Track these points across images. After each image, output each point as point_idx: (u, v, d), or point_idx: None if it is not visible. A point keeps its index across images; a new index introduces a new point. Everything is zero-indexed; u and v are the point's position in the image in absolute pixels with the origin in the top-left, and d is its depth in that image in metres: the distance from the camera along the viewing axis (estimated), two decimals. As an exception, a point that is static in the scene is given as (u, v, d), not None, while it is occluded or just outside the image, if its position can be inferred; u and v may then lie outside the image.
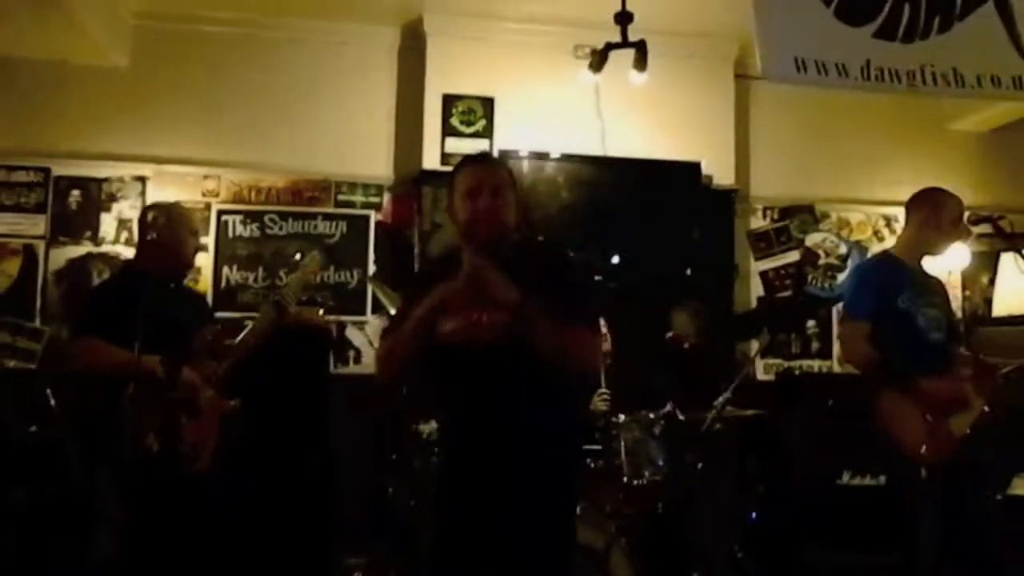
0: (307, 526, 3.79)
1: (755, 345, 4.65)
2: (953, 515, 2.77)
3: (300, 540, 3.79)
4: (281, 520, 3.77)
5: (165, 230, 2.85)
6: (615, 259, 4.67)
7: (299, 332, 4.06)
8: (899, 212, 3.54)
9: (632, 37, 4.24)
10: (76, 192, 4.46)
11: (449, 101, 4.67)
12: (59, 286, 4.37)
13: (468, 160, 2.18)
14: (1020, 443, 3.38)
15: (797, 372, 4.88)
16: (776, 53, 2.59)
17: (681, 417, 3.18)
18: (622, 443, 3.08)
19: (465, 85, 4.69)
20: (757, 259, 5.15)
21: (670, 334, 4.64)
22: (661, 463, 3.05)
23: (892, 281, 3.01)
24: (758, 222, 5.18)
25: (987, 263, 5.21)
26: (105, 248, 4.46)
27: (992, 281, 5.20)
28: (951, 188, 5.24)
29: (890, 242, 4.92)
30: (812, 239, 5.21)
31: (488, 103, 4.71)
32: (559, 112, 4.70)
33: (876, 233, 5.27)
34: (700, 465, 3.16)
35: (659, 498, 3.22)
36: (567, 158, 4.70)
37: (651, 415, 3.09)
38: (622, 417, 3.13)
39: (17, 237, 4.39)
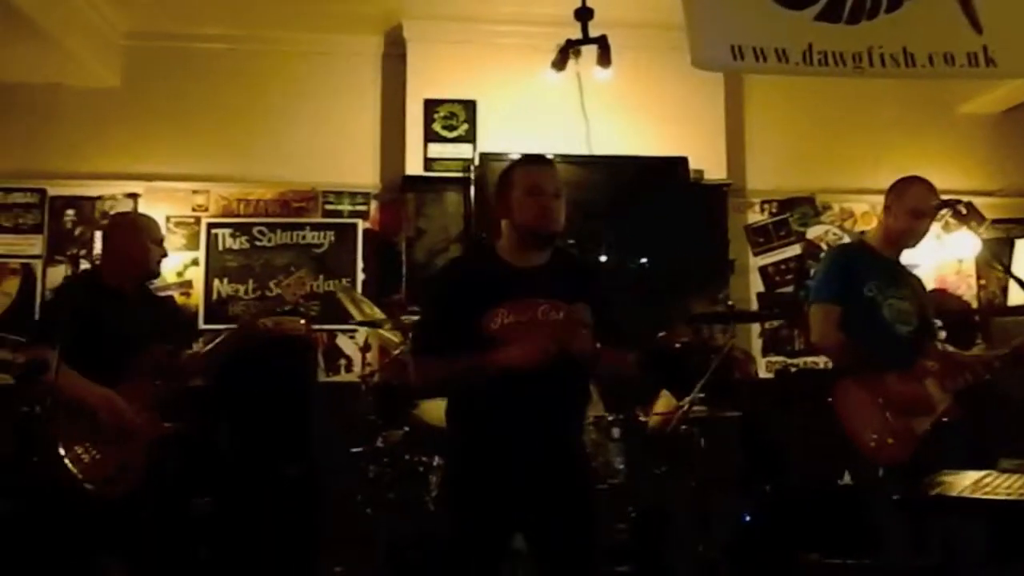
0: (288, 534, 3.81)
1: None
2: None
3: (282, 549, 3.81)
4: (262, 529, 3.80)
5: (127, 240, 2.86)
6: (602, 258, 4.58)
7: (279, 341, 4.11)
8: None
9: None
10: (71, 211, 4.59)
11: (431, 106, 4.67)
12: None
13: (530, 159, 2.31)
14: (990, 439, 3.22)
15: (793, 369, 4.73)
16: (708, 40, 2.51)
17: (644, 419, 3.10)
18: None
19: (446, 90, 4.68)
20: (756, 254, 5.02)
21: (662, 334, 4.57)
22: (620, 467, 2.97)
23: (860, 268, 2.91)
24: (756, 216, 5.05)
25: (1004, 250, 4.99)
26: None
27: (1008, 269, 4.96)
28: (961, 172, 5.16)
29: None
30: (814, 231, 5.05)
31: (470, 106, 4.70)
32: (542, 113, 4.66)
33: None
34: (663, 468, 3.06)
35: (627, 502, 3.15)
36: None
37: (609, 417, 3.02)
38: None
39: (15, 257, 4.53)
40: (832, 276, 2.95)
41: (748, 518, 3.99)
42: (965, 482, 2.02)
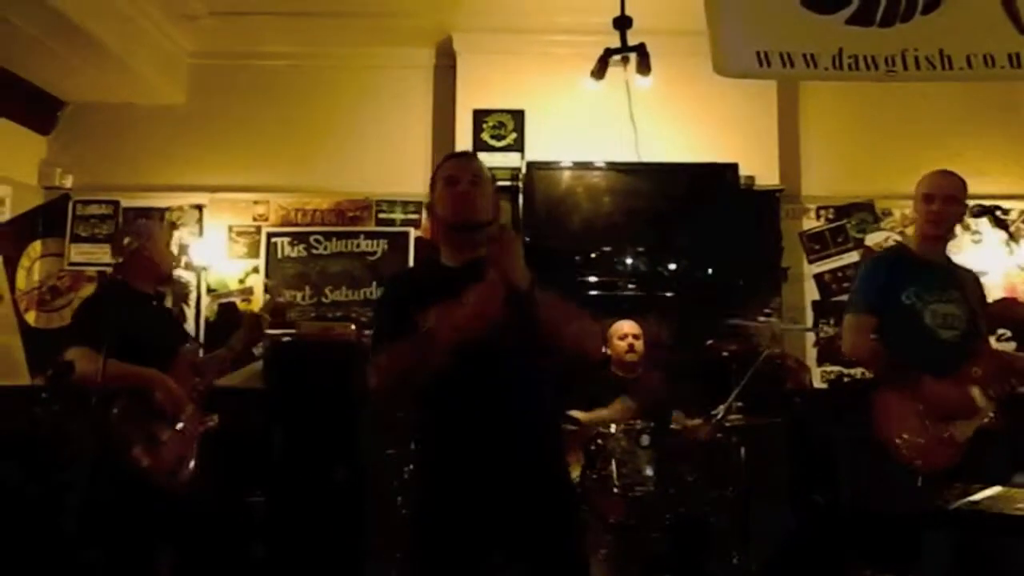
0: (336, 537, 3.93)
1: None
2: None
3: (329, 552, 3.92)
4: (310, 531, 3.93)
5: (145, 246, 3.02)
6: (643, 262, 4.56)
7: (327, 346, 4.25)
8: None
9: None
10: (142, 221, 4.83)
11: (480, 116, 4.74)
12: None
13: (448, 156, 2.29)
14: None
15: (847, 379, 4.60)
16: (734, 47, 2.50)
17: (675, 427, 3.09)
18: (612, 454, 3.02)
19: (495, 99, 4.75)
20: (811, 261, 4.91)
21: (709, 342, 4.53)
22: (649, 474, 2.97)
23: (897, 274, 2.85)
24: (811, 223, 4.94)
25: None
26: (167, 272, 4.79)
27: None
28: None
29: (961, 239, 4.61)
30: (873, 238, 4.90)
31: (519, 116, 4.76)
32: (590, 121, 4.67)
33: (946, 229, 4.89)
34: (694, 477, 3.04)
35: (663, 510, 3.14)
36: (596, 167, 4.67)
37: (638, 425, 3.01)
38: (612, 428, 3.07)
39: (92, 265, 4.80)
40: (865, 286, 2.91)
41: (795, 529, 3.93)
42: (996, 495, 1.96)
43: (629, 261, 4.61)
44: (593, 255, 4.55)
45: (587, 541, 2.86)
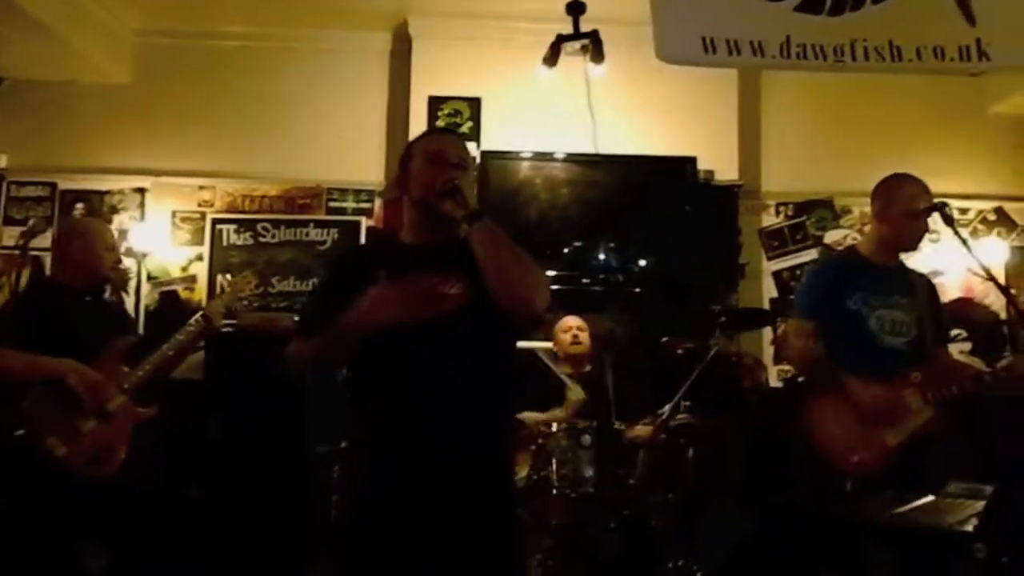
0: (276, 532, 3.80)
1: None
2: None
3: (269, 546, 3.79)
4: (257, 527, 3.80)
5: (79, 247, 2.89)
6: (600, 256, 4.47)
7: (269, 338, 4.10)
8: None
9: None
10: (80, 205, 4.66)
11: (435, 103, 4.62)
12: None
13: (434, 129, 2.10)
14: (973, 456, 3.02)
15: (801, 379, 4.53)
16: (678, 32, 2.40)
17: (619, 426, 2.99)
18: (552, 453, 2.92)
19: (451, 87, 4.63)
20: (770, 258, 4.85)
21: (664, 339, 4.44)
22: (590, 475, 2.87)
23: (843, 279, 2.75)
24: (771, 219, 4.87)
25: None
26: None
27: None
28: (991, 176, 4.90)
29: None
30: (831, 236, 4.85)
31: (475, 103, 4.64)
32: (548, 111, 4.56)
33: (905, 228, 4.83)
34: (636, 479, 2.95)
35: (606, 512, 3.05)
36: (553, 157, 4.56)
37: (579, 424, 2.91)
38: (554, 426, 2.97)
39: (28, 250, 4.61)
40: (809, 291, 2.84)
41: (748, 532, 3.85)
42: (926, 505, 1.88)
43: (585, 255, 4.51)
44: (548, 249, 4.44)
45: (527, 545, 2.79)
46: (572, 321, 3.70)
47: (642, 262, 4.49)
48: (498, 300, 1.77)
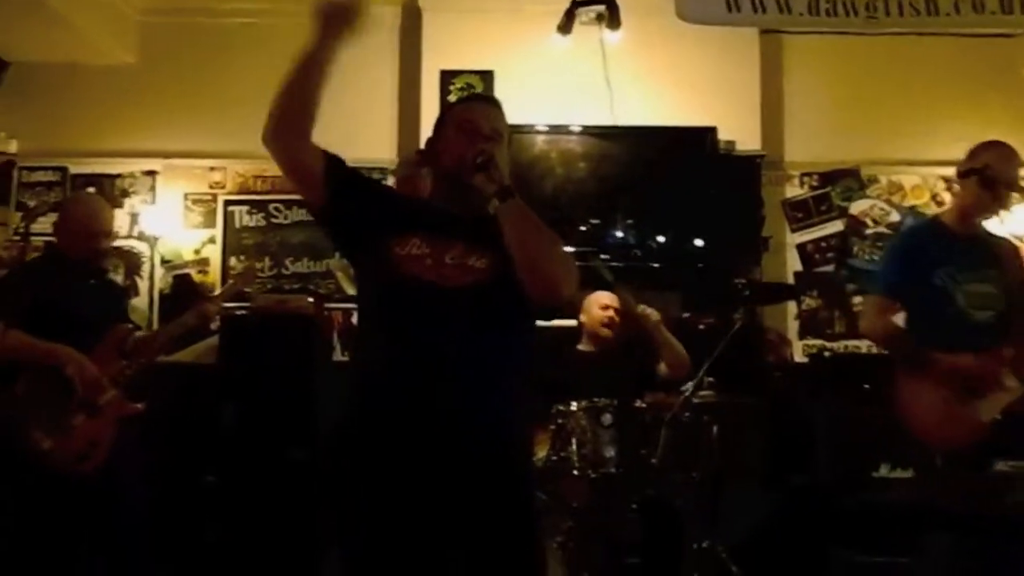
0: (291, 519, 3.75)
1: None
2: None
3: (284, 534, 3.75)
4: (264, 514, 3.75)
5: (71, 215, 2.83)
6: (619, 233, 4.36)
7: (283, 320, 4.05)
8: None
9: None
10: (91, 189, 4.59)
11: (447, 77, 4.51)
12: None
13: (471, 96, 2.00)
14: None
15: (827, 354, 4.42)
16: (699, -9, 2.27)
17: (641, 404, 2.90)
18: (572, 433, 2.83)
19: (463, 60, 4.51)
20: (794, 231, 4.70)
21: (686, 315, 4.34)
22: (611, 455, 2.78)
23: (927, 253, 2.66)
24: (795, 190, 4.73)
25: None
26: (119, 242, 4.55)
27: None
28: None
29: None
30: (858, 206, 4.70)
31: (488, 77, 4.52)
32: (563, 82, 4.44)
33: (935, 197, 4.69)
34: (654, 460, 2.85)
35: (628, 493, 2.96)
36: (569, 130, 4.45)
37: (598, 403, 2.82)
38: (573, 405, 2.88)
39: (40, 235, 4.55)
40: (890, 265, 2.79)
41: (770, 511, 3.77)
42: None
43: (603, 231, 4.40)
44: (564, 224, 4.33)
45: (544, 527, 2.71)
46: (608, 299, 3.46)
47: (661, 237, 4.37)
48: (524, 282, 1.68)
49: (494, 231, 1.70)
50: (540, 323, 1.93)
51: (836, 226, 4.67)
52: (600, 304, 3.49)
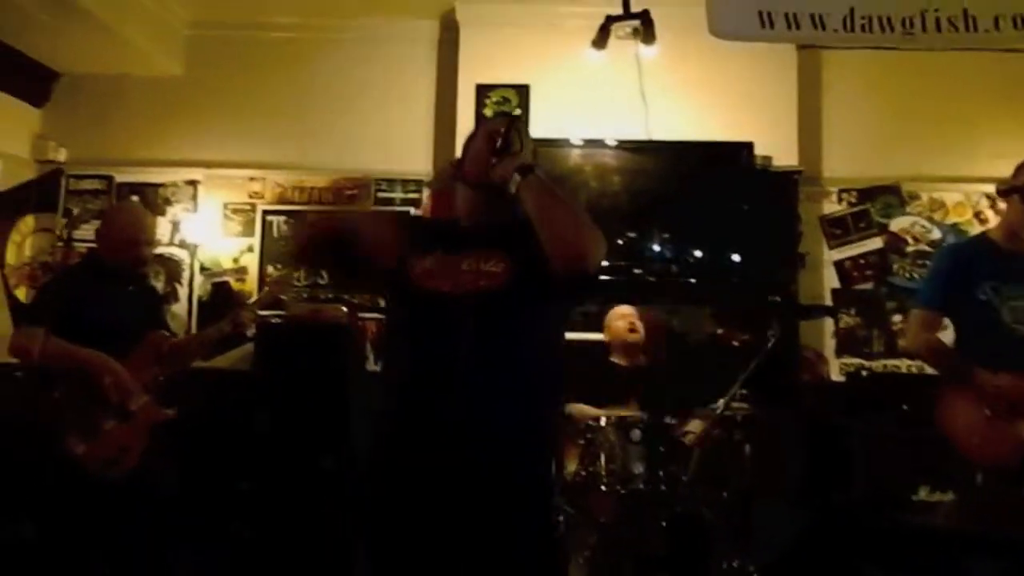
0: (321, 526, 3.78)
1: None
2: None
3: (315, 541, 3.78)
4: (294, 520, 3.79)
5: (112, 223, 2.90)
6: (654, 247, 4.34)
7: (317, 329, 4.10)
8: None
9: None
10: (135, 198, 4.71)
11: (483, 91, 4.54)
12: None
13: (500, 113, 2.06)
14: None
15: (865, 373, 4.34)
16: (732, 6, 2.27)
17: (671, 421, 2.88)
18: (600, 448, 2.82)
19: (499, 74, 4.54)
20: (831, 247, 4.64)
21: (720, 331, 4.31)
22: (640, 471, 2.76)
23: (973, 268, 2.65)
24: (833, 206, 4.67)
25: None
26: (161, 250, 4.66)
27: None
28: None
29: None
30: (898, 223, 4.62)
31: (523, 91, 4.54)
32: (598, 97, 4.44)
33: (978, 215, 4.59)
34: (688, 475, 2.83)
35: (656, 509, 2.94)
36: (604, 144, 4.45)
37: (628, 418, 2.81)
38: (602, 420, 2.87)
39: (84, 242, 4.68)
40: (934, 280, 2.78)
41: (804, 531, 3.70)
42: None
43: (639, 245, 4.39)
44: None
45: (572, 543, 2.70)
46: (626, 309, 3.59)
47: (697, 252, 4.34)
48: (551, 255, 1.68)
49: (513, 237, 1.74)
50: (570, 336, 1.95)
51: (875, 243, 4.60)
52: (618, 315, 3.64)
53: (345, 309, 4.24)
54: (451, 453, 1.66)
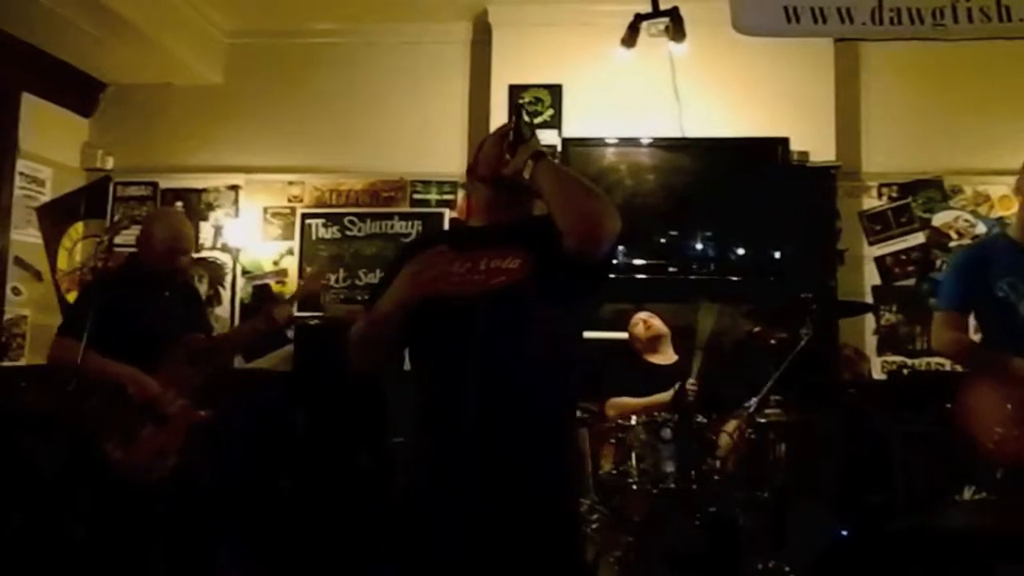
0: (355, 525, 3.83)
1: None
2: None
3: (347, 540, 3.84)
4: (329, 518, 3.85)
5: (149, 230, 2.98)
6: (691, 245, 4.33)
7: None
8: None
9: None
10: (179, 203, 4.84)
11: (516, 92, 4.55)
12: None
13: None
14: None
15: (906, 371, 4.25)
16: (757, 2, 2.25)
17: (702, 420, 2.86)
18: (632, 448, 2.82)
19: (531, 74, 4.56)
20: (872, 243, 4.56)
21: (756, 329, 4.26)
22: (671, 470, 2.76)
23: (989, 266, 2.63)
24: (872, 201, 4.58)
25: None
26: (204, 254, 4.78)
27: None
28: None
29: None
30: (941, 218, 4.52)
31: (556, 91, 4.56)
32: (631, 95, 4.44)
33: (1025, 207, 4.46)
34: (721, 475, 2.81)
35: (689, 508, 2.93)
36: (638, 143, 4.44)
37: (658, 417, 2.81)
38: (633, 419, 2.87)
39: (124, 247, 4.81)
40: (952, 280, 2.77)
41: (844, 533, 3.65)
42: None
43: (675, 243, 4.37)
44: (634, 237, 4.33)
45: (605, 543, 2.71)
46: (640, 314, 3.75)
47: (738, 250, 4.31)
48: (565, 231, 1.68)
49: (529, 233, 1.76)
50: (593, 335, 1.97)
51: (917, 238, 4.50)
52: (633, 322, 3.79)
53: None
54: (475, 445, 1.68)
